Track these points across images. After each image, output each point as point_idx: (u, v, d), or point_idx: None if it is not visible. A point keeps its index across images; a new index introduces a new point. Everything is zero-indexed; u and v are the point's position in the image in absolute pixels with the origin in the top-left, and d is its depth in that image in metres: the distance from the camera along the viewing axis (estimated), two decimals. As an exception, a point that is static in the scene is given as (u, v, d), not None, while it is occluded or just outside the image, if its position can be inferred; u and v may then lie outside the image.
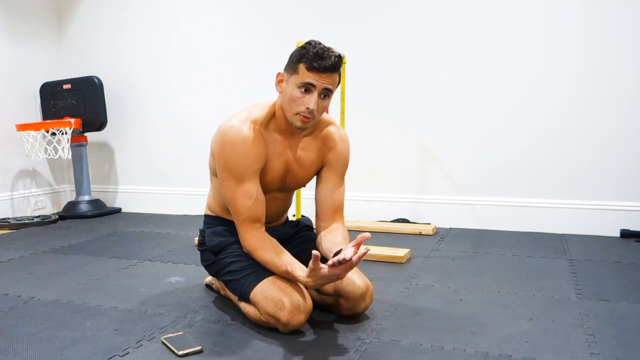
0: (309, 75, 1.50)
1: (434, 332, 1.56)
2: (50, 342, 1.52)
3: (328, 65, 1.48)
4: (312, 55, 1.48)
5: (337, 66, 1.51)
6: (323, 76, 1.50)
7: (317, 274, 1.42)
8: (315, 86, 1.51)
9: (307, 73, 1.50)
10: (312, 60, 1.48)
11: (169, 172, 3.89)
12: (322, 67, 1.48)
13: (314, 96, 1.51)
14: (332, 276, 1.41)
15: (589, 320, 1.64)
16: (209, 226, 1.83)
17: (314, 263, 1.39)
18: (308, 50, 1.50)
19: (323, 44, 1.52)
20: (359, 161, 3.32)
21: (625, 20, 2.75)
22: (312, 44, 1.52)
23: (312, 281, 1.45)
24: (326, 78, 1.51)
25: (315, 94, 1.51)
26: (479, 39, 3.04)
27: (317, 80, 1.50)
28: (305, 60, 1.49)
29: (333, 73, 1.51)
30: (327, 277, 1.41)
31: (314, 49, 1.49)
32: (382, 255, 2.42)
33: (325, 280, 1.44)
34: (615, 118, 2.82)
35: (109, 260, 2.51)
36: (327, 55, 1.49)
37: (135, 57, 3.88)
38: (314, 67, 1.48)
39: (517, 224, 3.05)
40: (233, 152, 1.58)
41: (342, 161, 1.75)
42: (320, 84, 1.50)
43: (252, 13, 3.51)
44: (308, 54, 1.49)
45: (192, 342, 1.48)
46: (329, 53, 1.50)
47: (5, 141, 3.69)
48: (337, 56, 1.51)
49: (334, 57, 1.50)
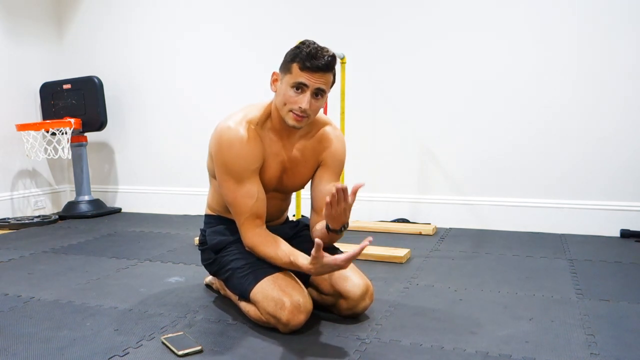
0: (302, 75, 1.50)
1: (434, 332, 1.56)
2: (50, 342, 1.52)
3: (321, 65, 1.48)
4: (305, 54, 1.48)
5: (330, 66, 1.51)
6: (316, 76, 1.50)
7: (319, 262, 1.43)
8: (308, 86, 1.51)
9: (300, 73, 1.50)
10: (305, 59, 1.48)
11: (169, 172, 3.89)
12: (315, 67, 1.48)
13: (306, 96, 1.51)
14: (335, 265, 1.42)
15: (589, 320, 1.64)
16: (210, 225, 1.83)
17: (316, 251, 1.40)
18: (301, 49, 1.49)
19: (317, 44, 1.52)
20: (359, 161, 3.32)
21: (621, 18, 2.75)
22: (306, 43, 1.51)
23: (314, 269, 1.46)
24: (319, 78, 1.50)
25: (308, 94, 1.51)
26: (479, 39, 3.04)
27: (310, 80, 1.50)
28: (299, 60, 1.49)
29: (326, 73, 1.51)
30: (329, 265, 1.42)
31: (307, 48, 1.49)
32: (382, 255, 2.42)
33: (327, 269, 1.45)
34: (615, 118, 2.82)
35: (109, 260, 2.51)
36: (320, 55, 1.49)
37: (135, 57, 3.88)
38: (306, 66, 1.48)
39: (517, 224, 3.05)
40: (231, 153, 1.58)
41: (338, 161, 1.75)
42: (313, 83, 1.50)
43: (252, 13, 3.51)
44: (301, 53, 1.49)
45: (192, 342, 1.48)
46: (323, 53, 1.49)
47: (5, 141, 3.69)
48: (331, 56, 1.50)
49: (327, 56, 1.50)
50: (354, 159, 3.27)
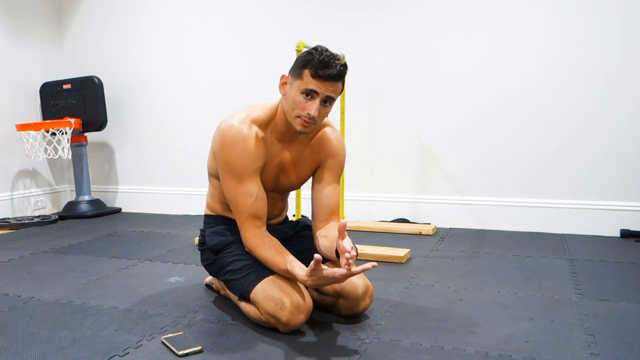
0: (313, 82, 1.50)
1: (434, 332, 1.56)
2: (50, 342, 1.52)
3: (333, 74, 1.49)
4: (317, 62, 1.48)
5: (341, 75, 1.52)
6: (327, 84, 1.50)
7: (317, 275, 1.42)
8: (318, 93, 1.51)
9: (312, 80, 1.50)
10: (317, 67, 1.48)
11: (169, 172, 3.89)
12: (326, 76, 1.49)
13: (316, 103, 1.52)
14: (332, 279, 1.42)
15: (589, 320, 1.64)
16: (209, 226, 1.83)
17: (315, 265, 1.39)
18: (314, 56, 1.49)
19: (330, 51, 1.52)
20: (359, 161, 3.32)
21: (628, 19, 2.75)
22: (319, 50, 1.51)
23: (311, 281, 1.45)
24: (330, 86, 1.51)
25: (317, 101, 1.52)
26: (479, 39, 3.04)
27: (321, 87, 1.50)
28: (311, 67, 1.49)
29: (337, 81, 1.52)
30: (326, 278, 1.42)
31: (320, 56, 1.49)
32: (382, 255, 2.42)
33: (325, 282, 1.44)
34: (615, 118, 2.82)
35: (109, 260, 2.51)
36: (332, 64, 1.49)
37: (135, 57, 3.88)
38: (318, 74, 1.49)
39: (517, 224, 3.05)
40: (234, 151, 1.59)
41: (338, 162, 1.76)
42: (324, 91, 1.51)
43: (253, 14, 3.51)
44: (314, 60, 1.49)
45: (192, 342, 1.48)
46: (335, 62, 1.50)
47: (5, 141, 3.69)
48: (343, 65, 1.51)
49: (339, 65, 1.50)
50: (353, 159, 3.27)
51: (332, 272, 1.40)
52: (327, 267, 1.41)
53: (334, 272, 1.40)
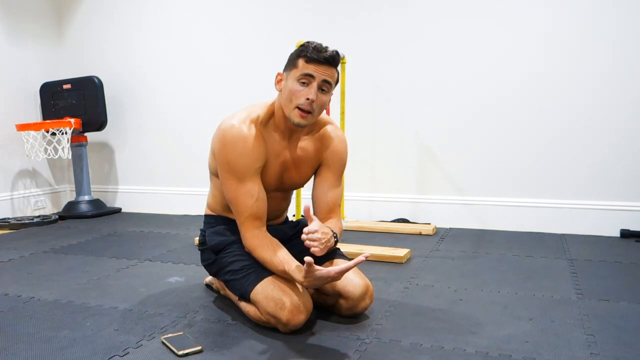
0: (308, 67, 1.53)
1: (434, 332, 1.56)
2: (50, 342, 1.52)
3: (327, 56, 1.53)
4: (311, 49, 1.54)
5: (335, 60, 1.55)
6: (322, 67, 1.53)
7: (312, 276, 1.44)
8: (314, 77, 1.53)
9: (307, 65, 1.53)
10: (311, 52, 1.53)
11: (169, 172, 3.89)
12: (321, 59, 1.52)
13: (313, 87, 1.54)
14: (328, 278, 1.44)
15: (589, 320, 1.64)
16: (210, 226, 1.83)
17: (307, 267, 1.41)
18: (307, 46, 1.55)
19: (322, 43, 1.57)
20: (359, 161, 3.32)
21: (629, 21, 2.75)
22: (310, 42, 1.57)
23: (307, 282, 1.47)
24: (325, 70, 1.54)
25: (314, 85, 1.54)
26: (479, 39, 3.04)
27: (317, 71, 1.53)
28: (304, 54, 1.54)
29: (331, 67, 1.55)
30: (322, 278, 1.44)
31: (312, 44, 1.55)
32: (382, 255, 2.42)
33: (321, 282, 1.46)
34: (615, 118, 2.82)
35: (109, 260, 2.51)
36: (326, 49, 1.54)
37: (135, 57, 3.88)
38: (313, 58, 1.52)
39: (517, 224, 3.05)
40: (234, 151, 1.59)
41: (340, 161, 1.76)
42: (320, 75, 1.53)
43: (252, 15, 3.51)
44: (307, 49, 1.54)
45: (192, 342, 1.48)
46: (327, 48, 1.55)
47: (5, 141, 3.69)
48: (335, 52, 1.56)
49: (332, 50, 1.55)
50: (354, 159, 3.27)
51: (326, 272, 1.42)
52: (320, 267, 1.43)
53: (328, 271, 1.42)
